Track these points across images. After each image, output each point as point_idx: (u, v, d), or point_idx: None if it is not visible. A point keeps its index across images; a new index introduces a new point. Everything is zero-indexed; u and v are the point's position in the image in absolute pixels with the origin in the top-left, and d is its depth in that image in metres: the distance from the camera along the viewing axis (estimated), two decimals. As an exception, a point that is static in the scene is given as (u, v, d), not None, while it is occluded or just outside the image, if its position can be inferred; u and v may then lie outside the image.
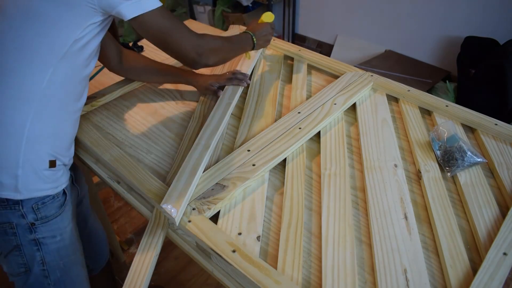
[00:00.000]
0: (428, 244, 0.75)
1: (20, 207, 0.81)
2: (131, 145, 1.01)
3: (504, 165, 0.89)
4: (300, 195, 0.82)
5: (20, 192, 0.80)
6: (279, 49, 1.36)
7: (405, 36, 2.63)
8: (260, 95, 1.14)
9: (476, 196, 0.82)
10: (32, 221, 0.84)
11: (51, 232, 0.87)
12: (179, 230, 0.79)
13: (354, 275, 0.68)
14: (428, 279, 0.68)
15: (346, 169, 0.89)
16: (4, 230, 0.83)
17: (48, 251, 0.88)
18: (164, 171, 0.92)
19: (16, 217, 0.82)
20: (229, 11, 3.19)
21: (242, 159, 0.89)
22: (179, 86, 1.23)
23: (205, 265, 0.76)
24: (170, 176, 0.88)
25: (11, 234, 0.83)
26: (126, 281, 0.71)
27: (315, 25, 3.09)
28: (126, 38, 3.41)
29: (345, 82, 1.15)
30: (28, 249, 0.86)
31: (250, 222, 0.78)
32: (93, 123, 1.08)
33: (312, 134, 0.98)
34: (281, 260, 0.70)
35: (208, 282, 1.66)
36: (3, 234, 0.83)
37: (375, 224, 0.76)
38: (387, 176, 0.87)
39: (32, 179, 0.81)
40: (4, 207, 0.81)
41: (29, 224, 0.84)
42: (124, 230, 1.92)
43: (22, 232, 0.84)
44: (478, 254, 0.72)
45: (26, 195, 0.81)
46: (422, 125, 1.01)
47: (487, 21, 2.25)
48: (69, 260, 0.93)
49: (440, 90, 2.32)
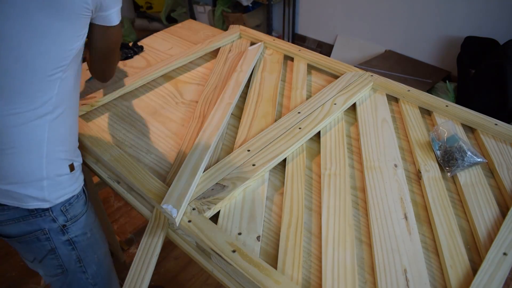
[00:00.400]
0: (428, 244, 0.75)
1: (50, 212, 0.84)
2: (131, 145, 1.01)
3: (504, 165, 0.89)
4: (300, 195, 0.82)
5: (49, 201, 0.82)
6: (279, 49, 1.36)
7: (405, 36, 2.63)
8: (260, 95, 1.14)
9: (476, 196, 0.82)
10: (63, 223, 0.86)
11: (82, 230, 0.91)
12: (179, 230, 0.79)
13: (354, 275, 0.68)
14: (428, 279, 0.68)
15: (346, 169, 0.89)
16: (37, 237, 0.85)
17: (82, 248, 0.92)
18: (164, 171, 0.92)
19: (47, 223, 0.84)
20: (229, 11, 3.19)
21: (242, 159, 0.89)
22: (179, 86, 1.23)
23: (205, 265, 0.76)
24: (170, 176, 0.88)
25: (44, 239, 0.86)
26: (126, 281, 0.71)
27: (315, 25, 3.09)
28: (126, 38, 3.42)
29: (345, 82, 1.15)
30: (63, 250, 0.89)
31: (250, 222, 0.78)
32: (93, 123, 1.08)
33: (312, 134, 0.98)
34: (281, 260, 0.70)
35: (208, 282, 1.66)
36: (35, 241, 0.86)
37: (375, 224, 0.76)
38: (387, 176, 0.87)
39: (58, 187, 0.83)
40: (34, 216, 0.83)
41: (61, 226, 0.86)
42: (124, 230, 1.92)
43: (55, 236, 0.87)
44: (478, 254, 0.72)
45: (54, 202, 0.83)
46: (422, 125, 1.01)
47: (487, 21, 2.25)
48: (101, 252, 0.98)
49: (440, 90, 2.33)
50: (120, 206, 2.06)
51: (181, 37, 1.53)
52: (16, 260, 1.80)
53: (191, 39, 1.51)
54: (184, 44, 1.47)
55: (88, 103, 1.10)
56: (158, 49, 1.45)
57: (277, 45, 1.37)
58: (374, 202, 0.81)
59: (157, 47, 1.46)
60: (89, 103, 1.11)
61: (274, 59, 1.32)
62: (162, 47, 1.46)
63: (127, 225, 1.95)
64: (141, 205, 0.87)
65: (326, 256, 0.71)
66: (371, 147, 0.94)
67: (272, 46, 1.38)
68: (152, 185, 0.84)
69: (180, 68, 1.31)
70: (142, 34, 3.62)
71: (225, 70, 1.26)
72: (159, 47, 1.46)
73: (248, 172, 0.85)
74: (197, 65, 1.33)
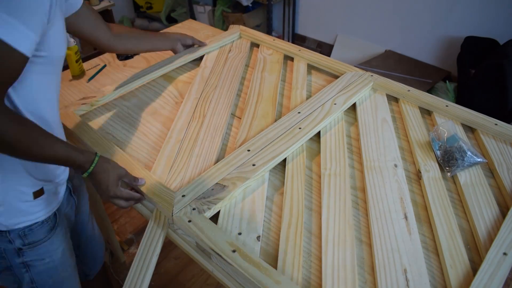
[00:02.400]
0: (428, 244, 0.75)
1: (7, 234, 0.80)
2: (131, 145, 1.01)
3: (504, 165, 0.89)
4: (300, 195, 0.82)
5: (5, 225, 0.79)
6: (279, 49, 1.36)
7: (405, 36, 2.63)
8: (260, 95, 1.14)
9: (476, 196, 0.82)
10: (20, 246, 0.83)
11: (39, 256, 0.87)
12: (179, 230, 0.79)
13: (354, 275, 0.68)
14: (428, 279, 0.68)
15: (346, 169, 0.89)
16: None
17: (37, 272, 0.88)
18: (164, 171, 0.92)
19: (3, 243, 0.82)
20: (229, 11, 3.19)
21: (242, 159, 0.89)
22: (179, 86, 1.23)
23: (205, 265, 0.76)
24: (170, 176, 0.88)
25: (0, 257, 0.83)
26: (126, 281, 0.71)
27: (315, 25, 3.09)
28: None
29: (345, 82, 1.15)
30: (18, 270, 0.86)
31: (250, 222, 0.78)
32: (93, 123, 1.08)
33: (312, 134, 0.98)
34: (281, 260, 0.70)
35: (208, 282, 1.66)
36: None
37: (375, 224, 0.76)
38: (387, 176, 0.87)
39: (16, 214, 0.79)
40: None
41: (17, 249, 0.83)
42: (124, 230, 1.92)
43: (10, 256, 0.84)
44: (478, 254, 0.72)
45: (11, 228, 0.80)
46: (422, 125, 1.01)
47: (487, 21, 2.25)
48: (59, 277, 0.93)
49: (440, 90, 2.33)
50: (120, 206, 2.06)
51: (181, 37, 1.52)
52: (16, 260, 1.79)
53: (191, 39, 1.51)
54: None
55: (88, 103, 1.10)
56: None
57: (277, 45, 1.37)
58: (374, 202, 0.81)
59: (157, 47, 1.46)
60: (89, 103, 1.11)
61: (274, 59, 1.32)
62: (162, 47, 1.46)
63: (127, 225, 1.95)
64: (141, 205, 0.87)
65: (326, 256, 0.71)
66: (371, 147, 0.94)
67: (272, 46, 1.38)
68: (152, 185, 0.84)
69: (180, 68, 1.31)
70: (142, 34, 3.62)
71: (225, 70, 1.26)
72: (159, 47, 1.45)
73: (248, 172, 0.85)
74: (197, 65, 1.33)
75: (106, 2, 2.40)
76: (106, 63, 1.37)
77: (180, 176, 0.88)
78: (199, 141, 0.97)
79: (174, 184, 0.86)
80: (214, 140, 0.98)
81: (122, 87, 1.18)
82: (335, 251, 0.71)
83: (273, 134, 0.96)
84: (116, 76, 1.29)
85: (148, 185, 0.84)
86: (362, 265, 0.71)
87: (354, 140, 1.00)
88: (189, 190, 0.81)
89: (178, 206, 0.78)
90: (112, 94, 1.15)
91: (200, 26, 1.62)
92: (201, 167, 0.90)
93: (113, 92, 1.15)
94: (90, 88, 1.24)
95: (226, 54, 1.35)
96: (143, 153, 0.98)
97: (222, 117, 1.05)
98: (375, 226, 0.76)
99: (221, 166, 0.88)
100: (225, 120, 1.04)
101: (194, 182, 0.83)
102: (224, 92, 1.15)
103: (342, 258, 0.70)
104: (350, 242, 0.73)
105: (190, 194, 0.81)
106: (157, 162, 0.92)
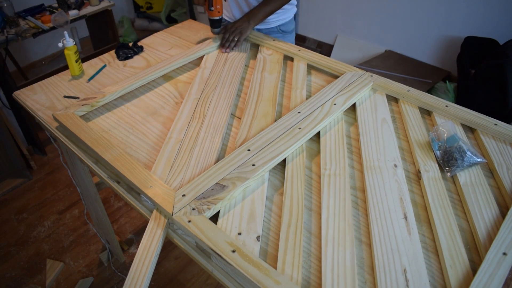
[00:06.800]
0: (428, 244, 0.75)
1: None
2: (131, 145, 1.01)
3: (504, 165, 0.89)
4: (300, 195, 0.82)
5: None
6: (279, 49, 1.36)
7: (405, 36, 2.63)
8: (260, 95, 1.15)
9: (476, 196, 0.82)
10: None
11: None
12: (179, 230, 0.79)
13: (354, 275, 0.68)
14: (428, 279, 0.68)
15: (346, 169, 0.89)
16: None
17: None
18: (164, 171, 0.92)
19: None
20: (229, 11, 3.19)
21: (242, 159, 0.89)
22: (179, 86, 1.23)
23: (205, 265, 0.76)
24: (170, 176, 0.88)
25: None
26: (126, 281, 0.71)
27: (315, 25, 3.09)
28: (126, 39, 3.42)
29: (345, 82, 1.15)
30: None
31: (250, 222, 0.78)
32: (93, 123, 1.08)
33: (312, 134, 0.98)
34: (281, 260, 0.70)
35: (208, 282, 1.66)
36: None
37: (375, 224, 0.76)
38: (387, 176, 0.87)
39: None
40: None
41: None
42: (124, 230, 1.92)
43: None
44: (478, 254, 0.72)
45: None
46: (422, 125, 1.01)
47: (487, 21, 2.25)
48: None
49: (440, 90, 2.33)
50: (120, 206, 2.06)
51: (181, 37, 1.53)
52: (16, 260, 1.80)
53: (191, 39, 1.51)
54: (184, 44, 1.48)
55: (88, 103, 1.11)
56: (158, 49, 1.45)
57: (277, 45, 1.37)
58: (374, 202, 0.81)
59: (157, 47, 1.46)
60: (89, 103, 1.11)
61: (274, 59, 1.32)
62: (162, 47, 1.46)
63: (127, 225, 1.95)
64: (141, 205, 0.87)
65: (326, 256, 0.71)
66: (371, 147, 0.94)
67: (272, 46, 1.38)
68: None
69: (180, 68, 1.31)
70: (142, 34, 3.63)
71: (225, 70, 1.26)
72: (159, 47, 1.46)
73: (248, 172, 0.85)
74: (197, 65, 1.33)
75: (106, 2, 2.40)
76: (106, 63, 1.37)
77: (180, 176, 0.88)
78: (199, 141, 0.98)
79: (174, 184, 0.86)
80: (214, 140, 0.98)
81: (122, 87, 1.18)
82: (334, 251, 0.72)
83: (273, 134, 0.96)
84: (116, 76, 1.29)
85: (148, 185, 0.84)
86: (362, 265, 0.71)
87: (354, 140, 1.00)
88: (189, 190, 0.82)
89: (178, 206, 0.78)
90: (112, 94, 1.15)
91: (200, 26, 1.62)
92: (201, 167, 0.90)
93: (113, 92, 1.16)
94: (90, 88, 1.24)
95: (226, 54, 1.35)
96: (143, 153, 0.98)
97: (222, 117, 1.06)
98: (375, 226, 0.76)
99: (221, 166, 0.88)
100: (225, 120, 1.04)
101: (194, 182, 0.83)
102: (224, 92, 1.15)
103: (342, 258, 0.70)
104: (349, 242, 0.73)
105: (190, 194, 0.81)
106: (157, 162, 0.92)
